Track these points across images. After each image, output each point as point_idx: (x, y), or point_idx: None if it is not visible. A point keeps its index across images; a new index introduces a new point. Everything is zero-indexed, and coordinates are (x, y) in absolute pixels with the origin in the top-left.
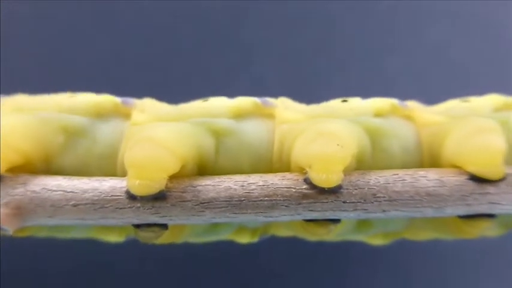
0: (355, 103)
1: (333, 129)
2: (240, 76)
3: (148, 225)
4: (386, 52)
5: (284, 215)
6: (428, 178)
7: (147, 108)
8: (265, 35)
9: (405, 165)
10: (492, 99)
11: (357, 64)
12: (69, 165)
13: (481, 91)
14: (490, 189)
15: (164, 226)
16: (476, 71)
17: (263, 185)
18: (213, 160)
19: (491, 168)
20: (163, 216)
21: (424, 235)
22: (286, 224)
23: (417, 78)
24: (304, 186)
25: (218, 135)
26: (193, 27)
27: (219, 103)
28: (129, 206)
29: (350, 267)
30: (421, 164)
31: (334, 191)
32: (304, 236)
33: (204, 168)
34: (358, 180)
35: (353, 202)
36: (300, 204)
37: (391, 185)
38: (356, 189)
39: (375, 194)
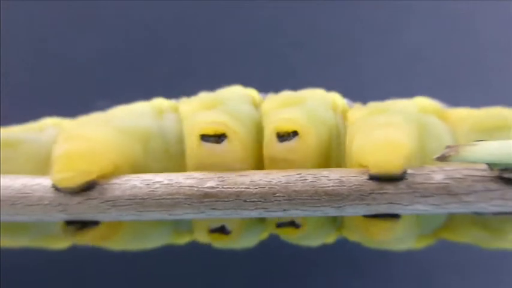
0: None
1: None
2: (225, 76)
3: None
4: (366, 51)
5: (187, 213)
6: (329, 178)
7: None
8: (249, 34)
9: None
10: (419, 102)
11: (339, 64)
12: None
13: (460, 91)
14: (389, 188)
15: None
16: (455, 71)
17: (167, 184)
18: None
19: (387, 162)
20: (71, 214)
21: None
22: None
23: (396, 78)
24: (206, 185)
25: None
26: (178, 26)
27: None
28: (37, 203)
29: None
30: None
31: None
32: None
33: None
34: (260, 179)
35: (253, 201)
36: (202, 202)
37: (291, 184)
38: (256, 188)
39: (275, 193)
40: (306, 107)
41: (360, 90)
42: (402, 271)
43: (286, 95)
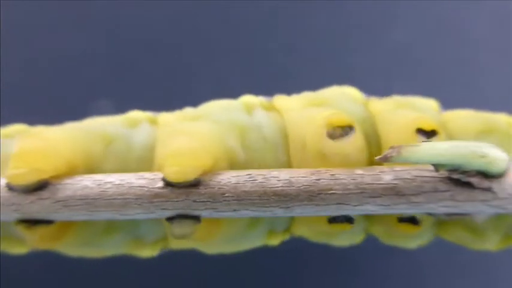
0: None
1: (189, 128)
2: (204, 75)
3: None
4: (351, 51)
5: (138, 214)
6: (279, 178)
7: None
8: (230, 34)
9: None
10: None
11: (322, 63)
12: None
13: (443, 90)
14: (337, 189)
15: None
16: (439, 71)
17: (119, 184)
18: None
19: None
20: (24, 213)
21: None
22: None
23: (381, 78)
24: (157, 185)
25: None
26: (178, 27)
27: None
28: None
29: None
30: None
31: (187, 187)
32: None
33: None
34: (211, 180)
35: (202, 201)
36: (152, 203)
37: (240, 184)
38: (206, 188)
39: (224, 194)
40: (338, 105)
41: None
42: (401, 271)
43: (308, 95)
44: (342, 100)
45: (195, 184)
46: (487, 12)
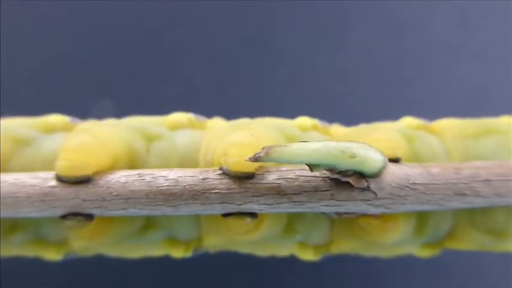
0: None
1: (92, 128)
2: (170, 78)
3: None
4: (316, 53)
5: (31, 212)
6: (167, 178)
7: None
8: (195, 36)
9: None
10: (404, 121)
11: (286, 65)
12: None
13: (410, 94)
14: (221, 188)
15: None
16: (406, 72)
17: (13, 182)
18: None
19: (238, 159)
20: None
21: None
22: None
23: (346, 80)
24: (48, 184)
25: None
26: (123, 27)
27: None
28: None
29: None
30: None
31: (77, 185)
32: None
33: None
34: (100, 178)
35: (91, 200)
36: (43, 201)
37: (129, 184)
38: (95, 187)
39: (112, 193)
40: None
41: (311, 93)
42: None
43: (241, 121)
44: (268, 125)
45: (85, 181)
46: (449, 13)
